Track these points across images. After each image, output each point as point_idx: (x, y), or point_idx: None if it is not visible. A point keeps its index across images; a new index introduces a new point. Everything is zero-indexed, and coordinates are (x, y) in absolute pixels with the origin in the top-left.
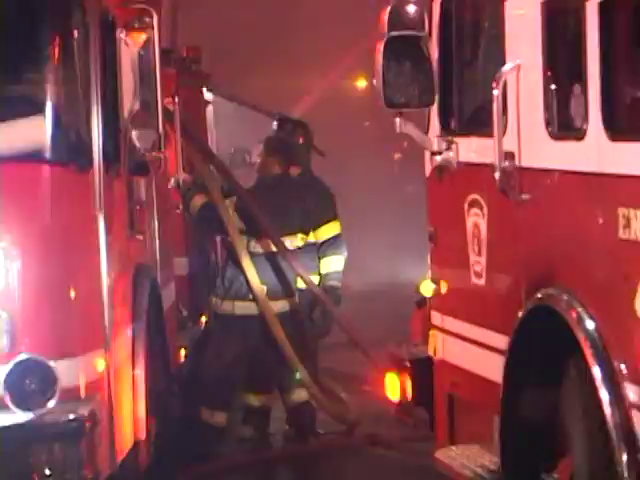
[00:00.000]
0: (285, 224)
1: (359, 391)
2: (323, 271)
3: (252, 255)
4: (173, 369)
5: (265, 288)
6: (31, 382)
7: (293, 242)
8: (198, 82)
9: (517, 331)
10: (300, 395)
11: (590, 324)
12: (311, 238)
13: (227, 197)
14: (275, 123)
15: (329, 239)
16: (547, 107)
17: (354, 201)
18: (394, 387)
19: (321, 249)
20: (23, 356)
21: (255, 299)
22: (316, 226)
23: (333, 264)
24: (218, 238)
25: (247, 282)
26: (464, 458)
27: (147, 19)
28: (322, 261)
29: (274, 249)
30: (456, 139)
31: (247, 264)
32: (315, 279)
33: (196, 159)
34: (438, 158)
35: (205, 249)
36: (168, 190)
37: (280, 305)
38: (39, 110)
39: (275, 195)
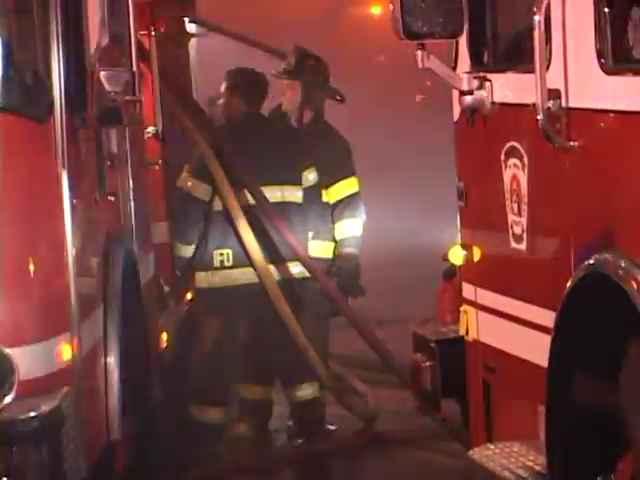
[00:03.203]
0: (266, 174)
1: (374, 380)
2: (338, 237)
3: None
4: (153, 357)
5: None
6: None
7: (273, 195)
8: (179, 11)
9: (565, 305)
10: (307, 392)
11: None
12: (323, 197)
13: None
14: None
15: (344, 199)
16: (599, 35)
17: (368, 152)
18: (418, 374)
19: (335, 211)
20: None
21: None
22: (328, 184)
23: (349, 228)
24: None
25: (242, 245)
26: (503, 457)
27: None
28: (336, 225)
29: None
30: (490, 76)
31: (239, 219)
32: (330, 246)
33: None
34: (468, 99)
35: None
36: (144, 142)
37: (277, 272)
38: None
39: (241, 138)
